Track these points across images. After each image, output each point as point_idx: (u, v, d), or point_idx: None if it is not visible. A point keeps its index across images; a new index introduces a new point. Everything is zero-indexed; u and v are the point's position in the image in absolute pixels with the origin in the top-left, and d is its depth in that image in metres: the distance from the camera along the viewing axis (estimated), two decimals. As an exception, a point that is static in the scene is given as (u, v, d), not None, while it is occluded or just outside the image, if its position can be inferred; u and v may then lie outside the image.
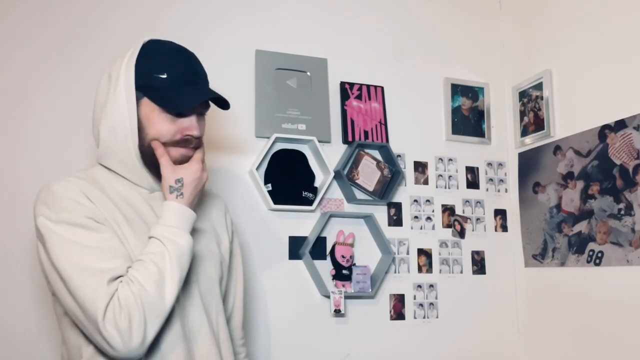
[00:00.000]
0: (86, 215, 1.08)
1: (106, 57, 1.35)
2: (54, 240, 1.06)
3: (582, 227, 1.93)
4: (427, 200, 2.14)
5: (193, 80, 1.18)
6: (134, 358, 1.04)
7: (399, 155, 2.12)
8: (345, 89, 2.07)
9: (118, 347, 1.01)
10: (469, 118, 2.25)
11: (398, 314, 2.03)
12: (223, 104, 1.24)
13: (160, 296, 1.06)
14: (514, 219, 2.24)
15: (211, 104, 1.25)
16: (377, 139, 2.07)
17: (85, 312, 1.03)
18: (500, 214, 2.25)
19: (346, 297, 1.93)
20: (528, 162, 2.19)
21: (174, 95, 1.14)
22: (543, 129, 2.11)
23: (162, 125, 1.15)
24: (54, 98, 1.72)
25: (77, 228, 1.06)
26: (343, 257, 1.93)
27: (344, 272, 1.93)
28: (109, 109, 1.17)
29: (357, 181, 1.99)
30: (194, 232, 1.22)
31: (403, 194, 2.11)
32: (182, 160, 1.18)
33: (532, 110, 2.18)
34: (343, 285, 1.92)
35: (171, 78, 1.14)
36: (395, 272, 2.04)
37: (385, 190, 2.03)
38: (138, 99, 1.15)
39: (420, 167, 2.15)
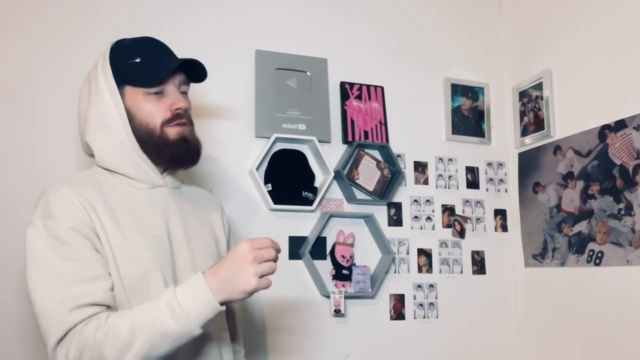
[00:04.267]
0: (71, 227, 1.08)
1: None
2: (30, 256, 1.08)
3: (582, 227, 1.93)
4: (427, 200, 2.14)
5: (164, 56, 1.23)
6: None
7: (399, 155, 2.12)
8: (345, 89, 2.07)
9: None
10: (469, 118, 2.25)
11: (398, 314, 2.03)
12: (199, 75, 1.27)
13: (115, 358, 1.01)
14: (514, 219, 2.24)
15: (192, 84, 1.28)
16: (377, 139, 2.07)
17: (44, 330, 1.04)
18: (500, 214, 2.25)
19: (346, 297, 1.93)
20: (528, 162, 2.19)
21: (152, 71, 1.18)
22: (543, 129, 2.11)
23: (150, 107, 1.18)
24: (51, 99, 1.72)
25: (58, 242, 1.06)
26: (343, 257, 1.93)
27: (344, 272, 1.93)
28: (95, 111, 1.19)
29: (357, 181, 1.99)
30: (194, 229, 1.24)
31: (403, 194, 2.11)
32: (180, 140, 1.20)
33: (532, 110, 2.18)
34: (343, 285, 1.92)
35: (145, 59, 1.19)
36: (395, 272, 2.04)
37: (385, 190, 2.03)
38: (121, 90, 1.19)
39: (420, 167, 2.15)
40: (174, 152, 1.20)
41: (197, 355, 1.17)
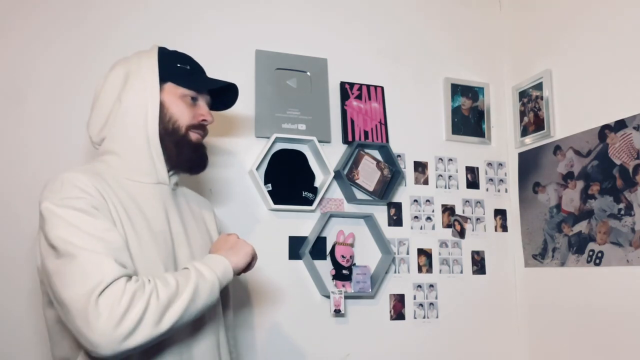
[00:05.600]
0: (92, 205, 1.06)
1: (104, 59, 1.36)
2: (55, 222, 1.02)
3: (582, 227, 1.93)
4: (427, 200, 2.14)
5: (207, 76, 1.35)
6: (104, 354, 0.94)
7: (399, 155, 2.12)
8: (345, 89, 2.07)
9: (98, 329, 0.93)
10: (469, 118, 2.25)
11: (398, 314, 2.03)
12: (224, 104, 1.44)
13: (166, 310, 1.00)
14: (514, 219, 2.24)
15: (214, 111, 1.39)
16: (377, 139, 2.07)
17: (82, 282, 0.96)
18: (500, 214, 2.25)
19: (346, 297, 1.93)
20: (528, 162, 2.19)
21: (199, 80, 1.30)
22: (543, 129, 2.11)
23: (183, 106, 1.26)
24: (52, 97, 1.72)
25: (81, 213, 1.03)
26: (343, 257, 1.93)
27: (344, 272, 1.93)
28: (127, 100, 1.22)
29: (357, 181, 1.99)
30: (191, 228, 1.28)
31: (403, 194, 2.11)
32: (198, 144, 1.29)
33: (532, 110, 2.18)
34: (343, 285, 1.92)
35: (193, 69, 1.31)
36: (395, 272, 2.04)
37: (385, 190, 2.03)
38: (161, 85, 1.25)
39: (420, 167, 2.15)
40: (192, 153, 1.27)
41: (196, 355, 1.17)
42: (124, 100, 1.22)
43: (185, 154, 1.26)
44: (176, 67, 1.27)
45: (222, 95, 1.40)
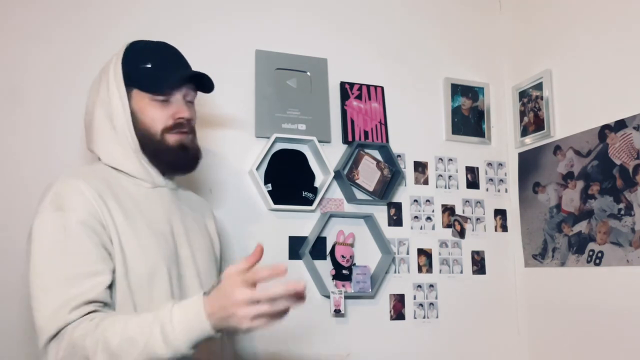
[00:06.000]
0: (80, 220, 1.08)
1: (103, 59, 1.36)
2: (35, 249, 1.08)
3: (582, 227, 1.93)
4: (427, 200, 2.14)
5: (176, 66, 1.25)
6: None
7: (399, 155, 2.12)
8: (345, 89, 2.07)
9: None
10: (469, 118, 2.25)
11: (398, 314, 2.03)
12: (206, 87, 1.30)
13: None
14: (514, 219, 2.24)
15: (198, 92, 1.30)
16: (377, 139, 2.07)
17: (36, 324, 1.04)
18: (500, 214, 2.25)
19: (346, 297, 1.93)
20: (528, 162, 2.19)
21: (160, 79, 1.20)
22: (543, 129, 2.11)
23: (154, 112, 1.20)
24: (53, 97, 1.72)
25: (63, 235, 1.07)
26: (343, 257, 1.93)
27: (344, 272, 1.93)
28: (103, 109, 1.21)
29: (357, 181, 1.99)
30: (192, 230, 1.26)
31: (403, 194, 2.11)
32: (178, 147, 1.22)
33: (532, 110, 2.18)
34: (343, 285, 1.92)
35: (155, 66, 1.21)
36: (395, 272, 2.04)
37: (385, 190, 2.03)
38: (129, 92, 1.21)
39: (420, 167, 2.15)
40: (171, 157, 1.23)
41: (198, 352, 1.17)
42: (96, 115, 1.22)
43: (166, 159, 1.23)
44: (139, 70, 1.21)
45: (203, 77, 1.29)
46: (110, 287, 1.08)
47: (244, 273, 0.95)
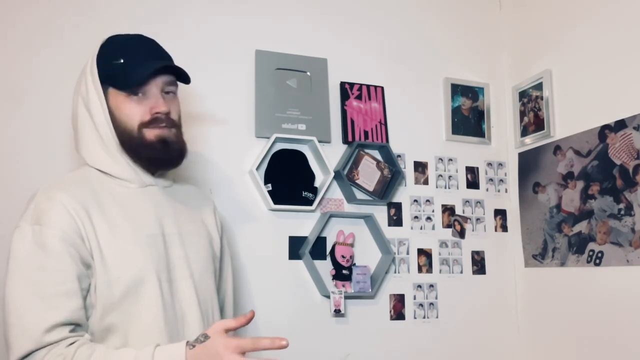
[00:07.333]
0: (58, 235, 1.07)
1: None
2: (14, 263, 1.07)
3: (582, 227, 1.93)
4: (427, 200, 2.14)
5: (148, 58, 1.20)
6: None
7: (399, 155, 2.12)
8: (345, 89, 2.07)
9: None
10: (469, 118, 2.25)
11: (398, 314, 2.03)
12: (183, 77, 1.25)
13: None
14: (514, 219, 2.24)
15: (176, 81, 1.26)
16: (377, 139, 2.07)
17: (9, 339, 1.03)
18: (500, 214, 2.25)
19: (346, 297, 1.93)
20: (528, 162, 2.19)
21: (132, 75, 1.16)
22: (543, 129, 2.11)
23: (129, 109, 1.17)
24: (53, 97, 1.72)
25: (41, 251, 1.06)
26: (343, 257, 1.93)
27: (344, 272, 1.93)
28: (85, 110, 1.20)
29: (357, 181, 1.99)
30: (187, 228, 1.25)
31: (403, 194, 2.11)
32: (158, 142, 1.18)
33: (532, 110, 2.18)
34: (343, 285, 1.92)
35: (127, 61, 1.18)
36: (395, 272, 2.04)
37: (385, 190, 2.03)
38: (105, 91, 1.19)
39: (420, 167, 2.15)
40: (151, 153, 1.19)
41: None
42: (80, 116, 1.21)
43: (145, 155, 1.19)
44: (112, 66, 1.18)
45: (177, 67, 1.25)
46: (83, 308, 1.08)
47: (235, 339, 0.98)
